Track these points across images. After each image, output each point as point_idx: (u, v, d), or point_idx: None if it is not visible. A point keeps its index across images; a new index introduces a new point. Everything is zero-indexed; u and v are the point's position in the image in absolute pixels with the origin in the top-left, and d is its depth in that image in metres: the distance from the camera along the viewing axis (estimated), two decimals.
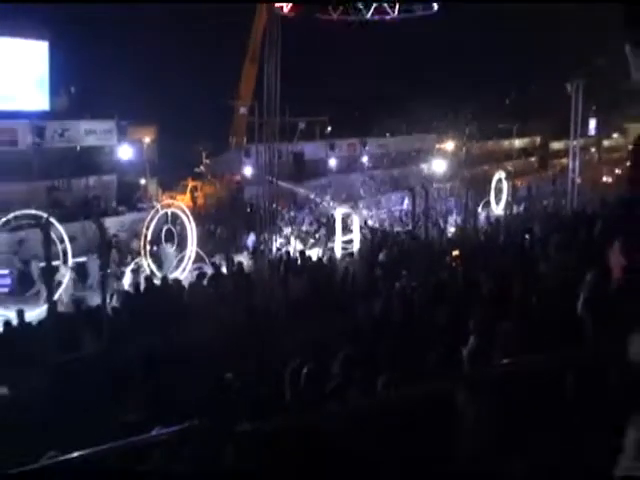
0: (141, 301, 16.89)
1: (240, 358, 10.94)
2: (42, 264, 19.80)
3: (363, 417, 4.97)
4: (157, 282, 20.11)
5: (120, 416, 8.07)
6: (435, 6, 36.89)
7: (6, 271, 24.91)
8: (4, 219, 23.26)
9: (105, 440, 4.81)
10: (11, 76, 34.08)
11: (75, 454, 4.58)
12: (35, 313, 18.41)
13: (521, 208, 38.33)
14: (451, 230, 33.30)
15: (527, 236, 20.37)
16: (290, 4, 33.76)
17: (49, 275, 16.72)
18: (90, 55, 36.41)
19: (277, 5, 30.17)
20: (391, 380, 6.35)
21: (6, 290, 23.87)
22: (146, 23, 42.76)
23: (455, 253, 22.48)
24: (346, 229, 29.16)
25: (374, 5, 36.56)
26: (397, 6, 36.84)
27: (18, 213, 23.41)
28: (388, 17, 37.69)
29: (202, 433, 4.76)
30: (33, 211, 22.90)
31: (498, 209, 37.57)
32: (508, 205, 34.85)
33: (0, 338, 13.88)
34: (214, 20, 41.41)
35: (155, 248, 26.88)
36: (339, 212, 30.16)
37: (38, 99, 35.24)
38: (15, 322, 14.57)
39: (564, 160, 35.67)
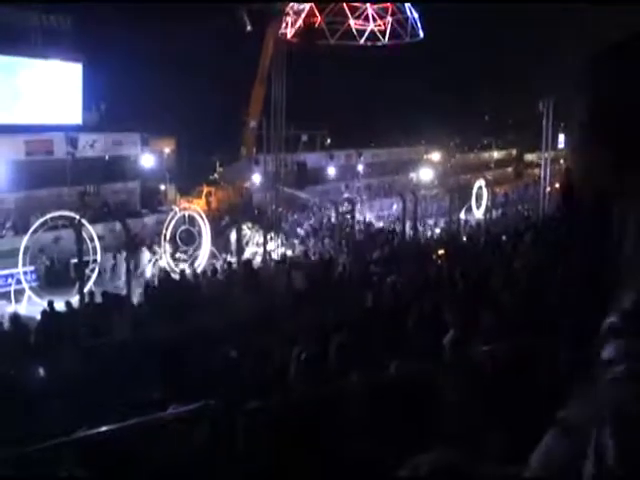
0: (161, 292, 16.91)
1: (248, 341, 10.94)
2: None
3: (359, 394, 4.99)
4: (175, 276, 20.18)
5: (144, 394, 8.07)
6: (421, 33, 36.90)
7: (31, 268, 24.84)
8: (41, 220, 23.29)
9: (130, 416, 4.84)
10: (49, 94, 34.19)
11: (103, 428, 4.61)
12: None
13: (499, 212, 38.36)
14: (437, 231, 33.26)
15: (504, 237, 20.38)
16: (293, 33, 33.75)
17: (81, 269, 16.76)
18: (118, 76, 36.44)
19: (281, 32, 30.18)
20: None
21: (34, 284, 23.73)
22: (166, 51, 42.90)
23: (440, 252, 22.50)
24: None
25: (366, 33, 36.61)
26: (387, 33, 36.87)
27: (53, 215, 23.43)
28: (380, 43, 37.67)
29: (216, 411, 4.77)
30: (67, 213, 22.91)
31: (479, 213, 37.55)
32: (487, 210, 34.85)
33: (38, 326, 13.89)
34: (227, 45, 41.48)
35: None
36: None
37: (72, 114, 35.35)
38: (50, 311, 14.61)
39: (537, 170, 35.72)
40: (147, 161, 37.15)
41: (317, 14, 35.34)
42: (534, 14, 59.48)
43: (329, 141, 52.39)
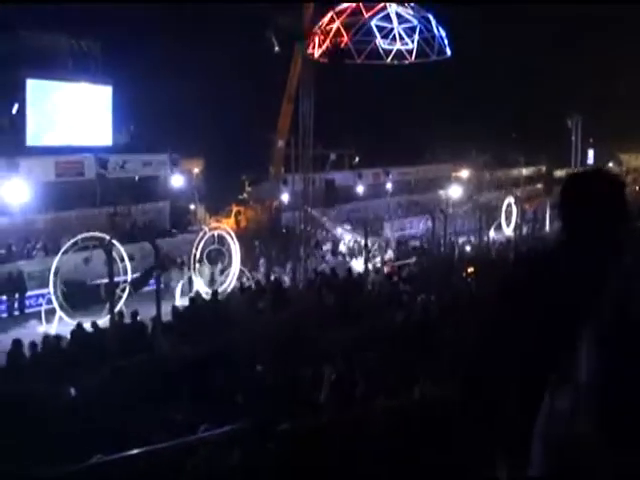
0: (191, 313, 16.88)
1: (278, 362, 10.84)
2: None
3: (389, 419, 4.86)
4: (206, 296, 20.16)
5: (170, 414, 8.00)
6: (449, 51, 36.74)
7: (45, 290, 24.86)
8: (72, 241, 23.38)
9: (157, 436, 4.75)
10: (80, 116, 34.60)
11: (130, 452, 4.52)
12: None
13: (529, 229, 38.06)
14: (467, 249, 32.98)
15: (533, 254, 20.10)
16: (320, 53, 33.79)
17: (111, 290, 16.77)
18: (147, 98, 36.79)
19: (309, 52, 30.21)
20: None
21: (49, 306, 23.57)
22: (194, 72, 43.25)
23: (470, 270, 22.32)
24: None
25: (393, 52, 36.54)
26: (414, 52, 36.80)
27: (84, 235, 23.51)
28: (406, 62, 37.59)
29: (246, 434, 4.66)
30: (97, 234, 22.99)
31: (508, 230, 37.30)
32: (517, 227, 34.59)
33: (67, 346, 13.92)
34: (255, 65, 41.75)
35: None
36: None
37: (102, 135, 35.70)
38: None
39: None
40: (176, 181, 37.34)
41: (344, 34, 35.36)
42: (564, 31, 59.57)
43: (357, 160, 52.33)
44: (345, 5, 36.00)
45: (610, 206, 2.94)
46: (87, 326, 15.82)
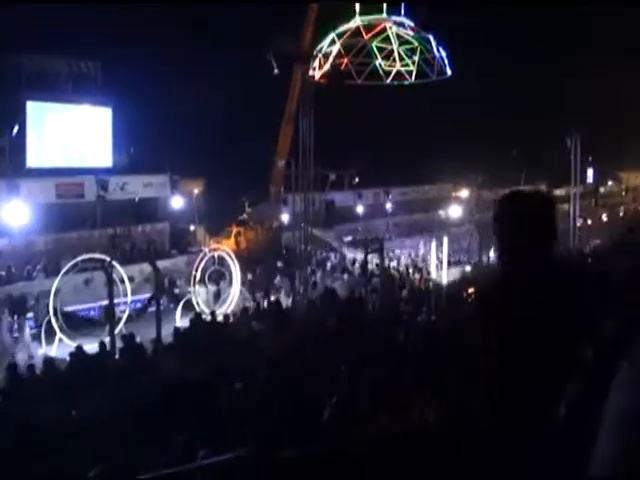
0: (192, 334, 16.80)
1: (279, 383, 10.77)
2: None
3: (393, 443, 4.78)
4: (205, 317, 20.09)
5: (169, 438, 7.92)
6: (449, 71, 36.82)
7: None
8: (72, 262, 23.36)
9: (155, 461, 4.70)
10: (80, 137, 34.70)
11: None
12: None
13: None
14: (467, 269, 32.93)
15: None
16: (321, 73, 33.94)
17: (110, 312, 16.72)
18: (147, 119, 36.92)
19: (310, 74, 30.33)
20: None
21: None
22: (194, 92, 43.40)
23: (470, 290, 22.19)
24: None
25: (393, 73, 36.66)
26: (414, 72, 36.91)
27: (84, 257, 23.49)
28: (406, 82, 37.70)
29: (248, 461, 4.57)
30: (97, 255, 22.94)
31: None
32: None
33: (67, 369, 13.86)
34: (255, 85, 41.91)
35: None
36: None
37: (102, 157, 35.82)
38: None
39: (565, 205, 35.48)
40: (176, 203, 37.38)
41: (344, 55, 35.51)
42: (563, 48, 59.92)
43: (357, 180, 52.39)
44: (345, 27, 36.18)
45: (540, 229, 2.93)
46: (87, 348, 15.76)
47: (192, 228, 38.63)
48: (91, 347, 17.46)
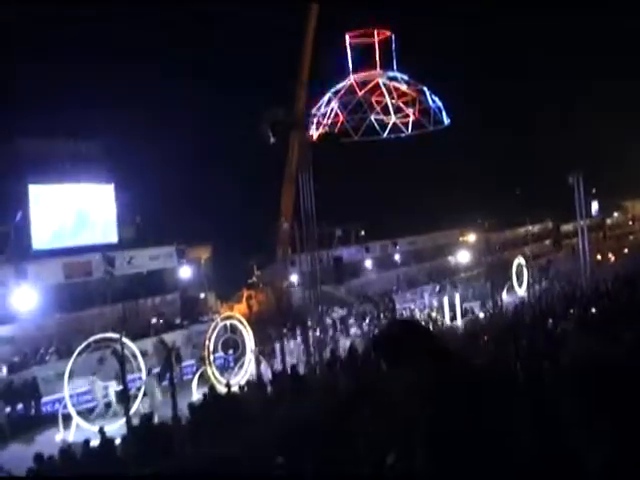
0: (208, 410, 16.66)
1: (298, 457, 10.62)
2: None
3: None
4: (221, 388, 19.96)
5: None
6: (446, 121, 37.15)
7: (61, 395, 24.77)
8: (84, 344, 23.23)
9: None
10: (84, 216, 34.95)
11: None
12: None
13: (543, 286, 37.87)
14: (480, 315, 32.71)
15: (550, 320, 19.85)
16: (317, 134, 34.32)
17: (124, 394, 16.63)
18: (150, 190, 37.27)
19: (308, 136, 30.66)
20: None
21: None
22: (194, 162, 43.97)
23: (485, 338, 22.01)
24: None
25: (389, 127, 37.04)
26: (410, 125, 37.28)
27: (95, 337, 23.35)
28: (403, 135, 38.05)
29: None
30: (108, 334, 22.89)
31: (521, 290, 37.09)
32: (530, 286, 34.40)
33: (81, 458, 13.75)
34: (256, 147, 42.44)
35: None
36: None
37: (107, 233, 35.98)
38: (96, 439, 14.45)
39: (574, 240, 35.47)
40: (184, 272, 37.44)
41: (340, 114, 35.90)
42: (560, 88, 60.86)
43: (363, 233, 52.48)
44: (340, 85, 36.65)
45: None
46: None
47: (202, 295, 38.63)
48: (110, 428, 17.39)
